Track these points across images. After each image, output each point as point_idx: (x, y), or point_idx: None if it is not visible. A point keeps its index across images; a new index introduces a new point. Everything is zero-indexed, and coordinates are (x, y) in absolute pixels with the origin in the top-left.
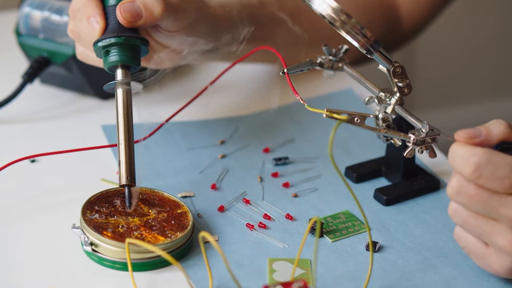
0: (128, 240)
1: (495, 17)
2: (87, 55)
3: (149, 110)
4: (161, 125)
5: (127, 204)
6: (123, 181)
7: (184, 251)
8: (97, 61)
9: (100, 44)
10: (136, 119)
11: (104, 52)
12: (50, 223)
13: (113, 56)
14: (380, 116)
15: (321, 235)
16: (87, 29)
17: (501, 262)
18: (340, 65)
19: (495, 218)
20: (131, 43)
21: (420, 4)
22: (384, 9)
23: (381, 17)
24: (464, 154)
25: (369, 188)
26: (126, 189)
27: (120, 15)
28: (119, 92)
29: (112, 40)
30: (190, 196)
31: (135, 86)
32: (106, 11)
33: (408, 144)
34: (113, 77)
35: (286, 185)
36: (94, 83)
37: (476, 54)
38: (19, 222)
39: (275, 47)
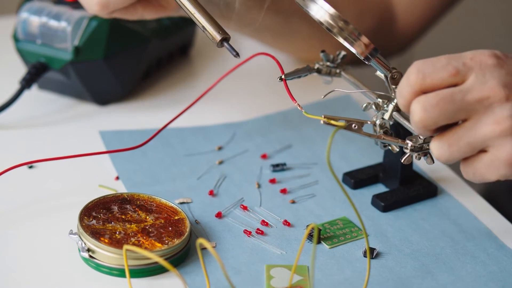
0: (125, 246)
1: (496, 21)
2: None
3: (147, 116)
4: (159, 131)
5: (234, 54)
6: (218, 38)
7: (182, 258)
8: (121, 1)
9: None
10: (133, 126)
11: None
12: (47, 229)
13: None
14: (378, 122)
15: (319, 242)
16: None
17: (507, 151)
18: (337, 71)
19: (468, 117)
20: None
21: (417, 5)
22: (377, 3)
23: (372, 10)
24: (403, 79)
25: (366, 194)
26: (225, 43)
27: None
28: None
29: None
30: (187, 202)
31: None
32: None
33: (405, 150)
34: (111, 87)
35: (283, 191)
36: (92, 89)
37: None
38: (16, 227)
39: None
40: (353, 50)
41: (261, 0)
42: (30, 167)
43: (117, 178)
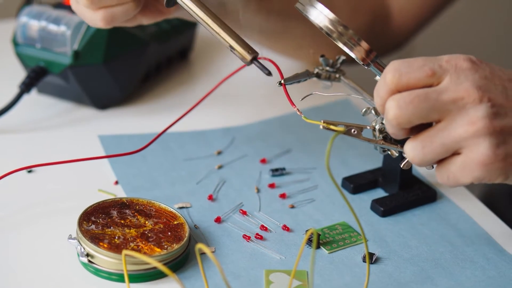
0: (124, 251)
1: (497, 21)
2: (113, 14)
3: (146, 120)
4: (159, 135)
5: (266, 72)
6: (248, 57)
7: (181, 263)
8: (125, 15)
9: None
10: (132, 130)
11: None
12: (46, 233)
13: None
14: (377, 127)
15: (318, 247)
16: None
17: (480, 152)
18: (337, 75)
19: (442, 118)
20: None
21: (413, 3)
22: (371, 0)
23: (367, 7)
24: (380, 78)
25: (366, 199)
26: (256, 62)
27: None
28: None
29: None
30: (186, 207)
31: None
32: None
33: (404, 155)
34: (110, 91)
35: (283, 196)
36: (91, 93)
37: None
38: (15, 232)
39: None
40: (352, 55)
41: (257, 1)
42: (30, 171)
43: (116, 182)
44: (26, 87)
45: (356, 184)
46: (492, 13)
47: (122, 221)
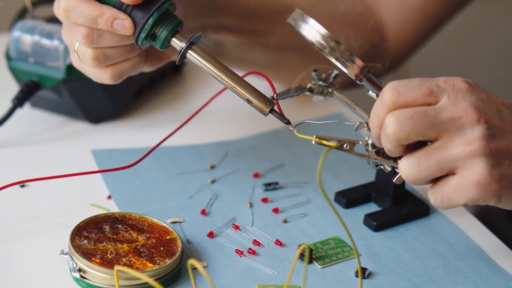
0: (116, 267)
1: (490, 40)
2: (121, 71)
3: (139, 135)
4: (151, 150)
5: (286, 122)
6: (266, 110)
7: (173, 278)
8: (133, 69)
9: (142, 35)
10: (125, 144)
11: (150, 36)
12: (38, 248)
13: (162, 33)
14: (370, 142)
15: (311, 261)
16: (119, 28)
17: (476, 172)
18: (330, 90)
19: (439, 136)
20: (164, 11)
21: (408, 26)
22: (368, 26)
23: (364, 34)
24: (378, 99)
25: (359, 213)
26: (274, 113)
27: None
28: (192, 53)
29: (150, 22)
30: (179, 222)
31: (195, 38)
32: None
33: (397, 170)
34: (103, 106)
35: (275, 210)
36: (84, 107)
37: (470, 77)
38: (7, 247)
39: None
40: (344, 70)
41: (250, 38)
42: (22, 186)
43: (109, 197)
44: (19, 102)
45: (349, 198)
46: (485, 35)
47: (115, 236)
